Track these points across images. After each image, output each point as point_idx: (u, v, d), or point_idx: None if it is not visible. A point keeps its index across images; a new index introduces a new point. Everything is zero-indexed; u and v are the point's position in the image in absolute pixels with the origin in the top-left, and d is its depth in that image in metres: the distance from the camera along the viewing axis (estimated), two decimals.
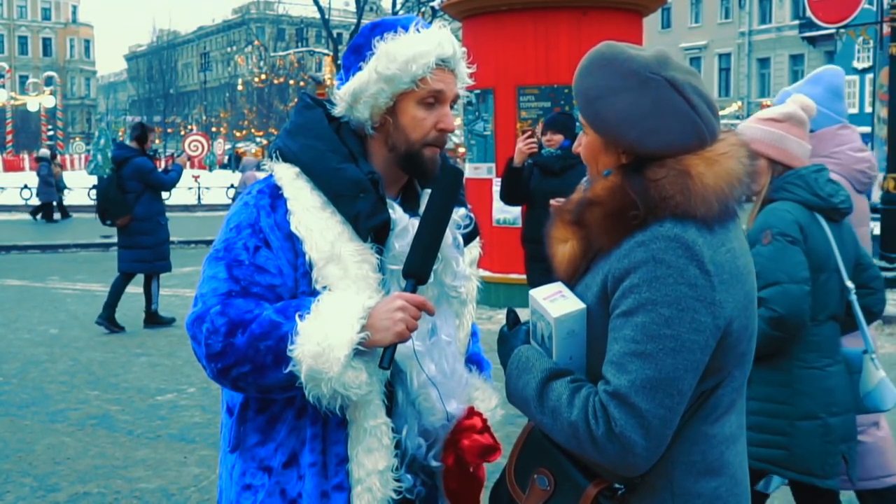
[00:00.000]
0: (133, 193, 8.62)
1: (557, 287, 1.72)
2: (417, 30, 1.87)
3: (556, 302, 1.68)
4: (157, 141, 69.14)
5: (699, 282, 1.56)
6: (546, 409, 1.64)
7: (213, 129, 60.55)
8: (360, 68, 1.86)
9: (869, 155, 3.48)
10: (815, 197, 2.88)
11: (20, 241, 17.78)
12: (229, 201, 21.45)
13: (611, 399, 1.55)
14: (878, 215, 11.12)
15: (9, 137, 55.53)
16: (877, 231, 10.52)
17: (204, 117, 67.38)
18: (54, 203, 23.23)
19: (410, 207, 1.92)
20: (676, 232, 1.58)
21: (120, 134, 43.80)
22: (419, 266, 1.78)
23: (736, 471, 1.71)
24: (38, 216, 22.92)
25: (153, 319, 9.10)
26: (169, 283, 12.26)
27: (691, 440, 1.64)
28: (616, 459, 1.56)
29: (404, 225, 1.86)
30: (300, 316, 1.72)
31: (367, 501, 1.80)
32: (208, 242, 19.00)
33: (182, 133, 59.47)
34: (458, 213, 1.94)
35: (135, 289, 9.21)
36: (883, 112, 13.79)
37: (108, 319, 8.78)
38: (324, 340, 1.68)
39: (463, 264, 1.96)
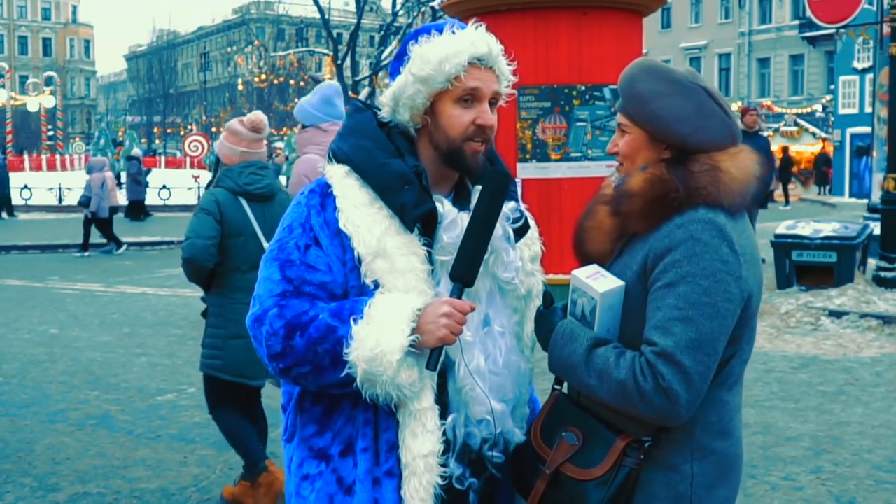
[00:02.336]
0: None
1: (595, 268, 1.95)
2: (453, 31, 1.93)
3: (598, 280, 1.91)
4: (157, 141, 69.34)
5: (730, 259, 1.82)
6: (593, 371, 1.85)
7: (213, 129, 60.49)
8: (399, 73, 1.94)
9: None
10: (235, 185, 4.27)
11: (20, 241, 17.78)
12: None
13: (658, 358, 1.78)
14: (878, 215, 11.12)
15: (9, 138, 55.50)
16: (877, 231, 10.51)
17: (204, 117, 67.35)
18: (143, 201, 23.38)
19: (462, 204, 1.99)
20: (710, 216, 1.84)
21: (120, 134, 43.74)
22: (465, 270, 1.86)
23: (740, 436, 1.99)
24: (140, 215, 22.93)
25: None
26: (168, 283, 12.27)
27: (710, 403, 1.88)
28: (662, 410, 1.78)
29: (453, 218, 1.93)
30: (355, 320, 1.80)
31: (414, 486, 1.85)
32: None
33: (182, 133, 59.48)
34: (508, 206, 2.00)
35: (134, 289, 9.22)
36: (883, 112, 13.80)
37: None
38: (376, 346, 1.77)
39: (514, 255, 2.01)
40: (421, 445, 1.85)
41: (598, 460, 1.87)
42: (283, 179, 28.14)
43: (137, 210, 23.07)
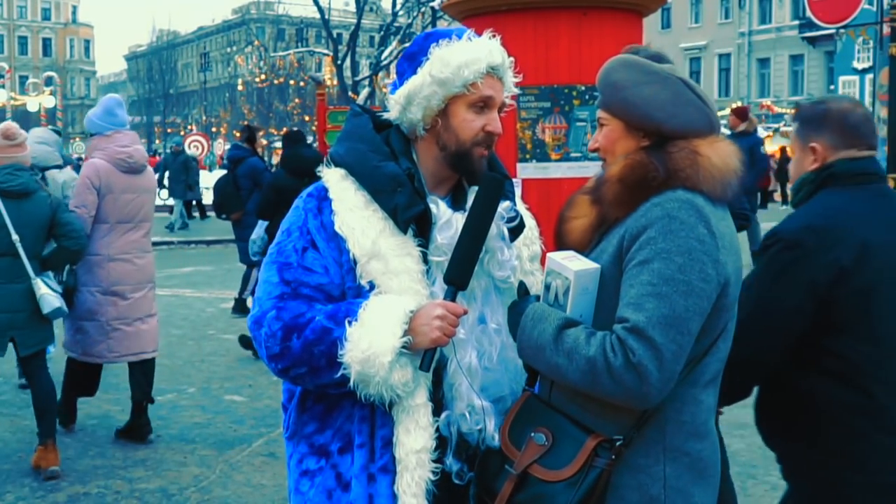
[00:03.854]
0: (245, 190, 9.19)
1: (571, 252, 1.93)
2: (470, 38, 1.98)
3: (573, 261, 1.88)
4: (157, 141, 69.40)
5: (706, 239, 1.79)
6: (562, 350, 1.80)
7: (213, 129, 60.52)
8: (415, 73, 1.97)
9: (131, 150, 5.37)
10: None
11: None
12: None
13: (629, 333, 1.73)
14: None
15: None
16: None
17: (204, 117, 67.30)
18: (194, 202, 23.20)
19: (460, 205, 2.03)
20: (688, 197, 1.82)
21: None
22: (459, 273, 1.90)
23: (715, 439, 1.93)
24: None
25: (243, 307, 9.44)
26: (169, 284, 12.27)
27: (682, 401, 1.84)
28: (632, 388, 1.72)
29: (447, 218, 1.97)
30: (349, 322, 1.85)
31: (406, 481, 1.88)
32: (209, 243, 18.69)
33: (182, 133, 59.44)
34: (503, 206, 2.03)
35: None
36: (883, 112, 13.79)
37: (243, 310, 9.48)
38: (368, 348, 1.82)
39: (509, 254, 2.04)
40: (414, 441, 1.88)
41: (567, 461, 1.81)
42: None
43: (201, 209, 22.87)
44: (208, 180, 21.97)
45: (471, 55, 1.94)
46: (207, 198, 23.02)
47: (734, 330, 1.95)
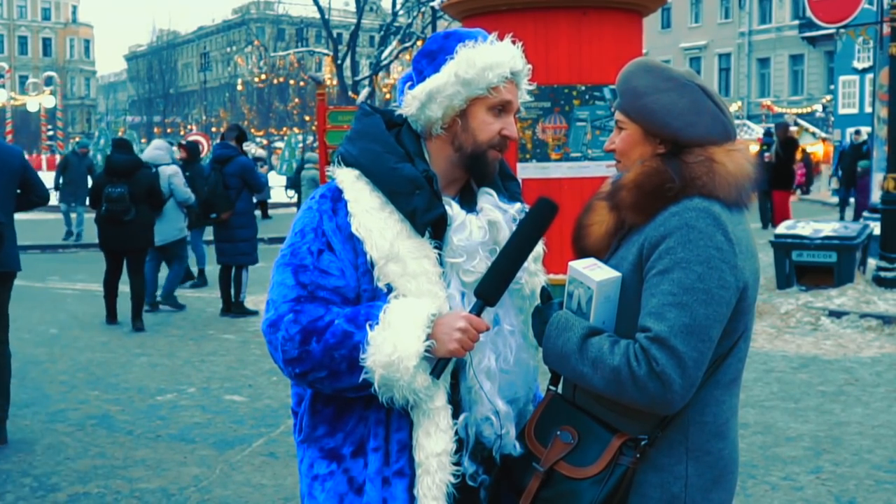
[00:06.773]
0: (234, 190, 9.18)
1: (593, 260, 1.96)
2: (493, 42, 2.00)
3: (595, 270, 1.91)
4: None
5: (724, 246, 1.82)
6: (587, 359, 1.84)
7: (213, 129, 60.47)
8: (437, 71, 1.96)
9: None
10: None
11: (20, 241, 17.76)
12: None
13: (652, 343, 1.77)
14: (878, 215, 11.10)
15: (9, 137, 55.32)
16: (877, 231, 10.50)
17: (204, 117, 67.23)
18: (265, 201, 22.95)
19: (468, 206, 2.03)
20: (705, 205, 1.85)
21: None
22: (491, 290, 1.89)
23: (735, 439, 1.98)
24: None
25: (239, 309, 9.47)
26: None
27: (704, 402, 1.89)
28: (656, 396, 1.77)
29: (461, 220, 1.97)
30: (370, 325, 1.83)
31: (427, 484, 1.87)
32: (209, 243, 18.77)
33: (182, 133, 59.43)
34: (514, 208, 2.05)
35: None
36: (883, 112, 13.78)
37: (232, 309, 9.53)
38: (393, 352, 1.80)
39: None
40: (434, 444, 1.88)
41: (593, 459, 1.86)
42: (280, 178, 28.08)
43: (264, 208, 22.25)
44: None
45: (496, 58, 1.95)
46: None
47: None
